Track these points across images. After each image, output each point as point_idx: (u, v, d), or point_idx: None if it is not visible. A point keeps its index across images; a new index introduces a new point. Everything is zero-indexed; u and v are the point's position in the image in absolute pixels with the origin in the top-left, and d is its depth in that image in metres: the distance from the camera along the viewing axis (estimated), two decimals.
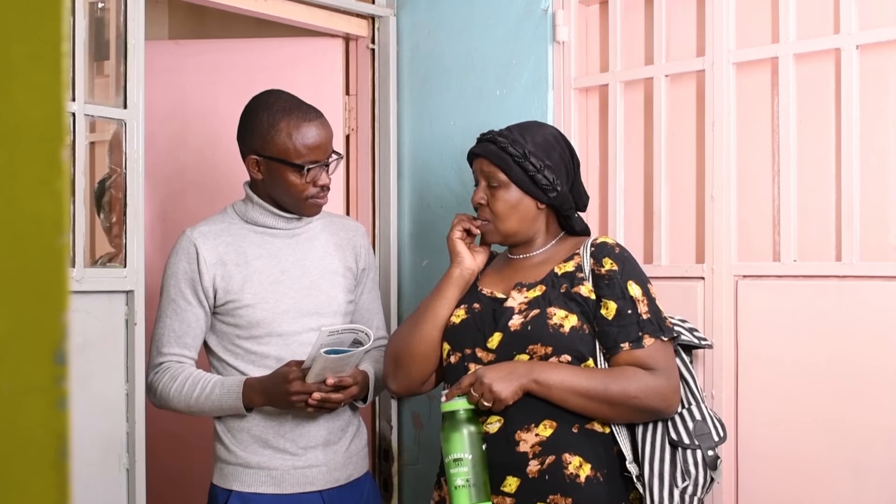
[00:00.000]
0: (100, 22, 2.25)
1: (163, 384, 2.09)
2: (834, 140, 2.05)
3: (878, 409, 1.93)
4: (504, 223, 1.96)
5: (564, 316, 1.84)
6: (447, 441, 1.80)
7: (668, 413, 1.85)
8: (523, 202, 1.95)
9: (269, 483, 2.09)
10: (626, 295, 1.85)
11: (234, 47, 3.08)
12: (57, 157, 0.54)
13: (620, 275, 1.87)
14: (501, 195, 1.94)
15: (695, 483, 1.81)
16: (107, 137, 2.32)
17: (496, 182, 1.94)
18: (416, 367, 1.99)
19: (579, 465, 1.80)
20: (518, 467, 1.81)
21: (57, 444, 0.54)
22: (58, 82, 0.54)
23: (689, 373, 1.95)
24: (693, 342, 1.98)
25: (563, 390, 1.79)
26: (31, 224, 0.53)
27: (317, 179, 2.08)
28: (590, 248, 1.92)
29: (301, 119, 2.05)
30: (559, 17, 2.46)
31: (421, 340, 1.98)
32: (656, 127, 2.30)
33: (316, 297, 2.14)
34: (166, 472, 2.84)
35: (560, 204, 1.97)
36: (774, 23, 2.13)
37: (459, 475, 1.77)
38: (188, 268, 2.09)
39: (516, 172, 1.92)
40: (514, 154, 1.92)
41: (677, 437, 1.85)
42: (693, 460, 1.83)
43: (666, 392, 1.83)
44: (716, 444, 1.86)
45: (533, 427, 1.82)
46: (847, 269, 1.99)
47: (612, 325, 1.84)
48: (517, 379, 1.79)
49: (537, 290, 1.90)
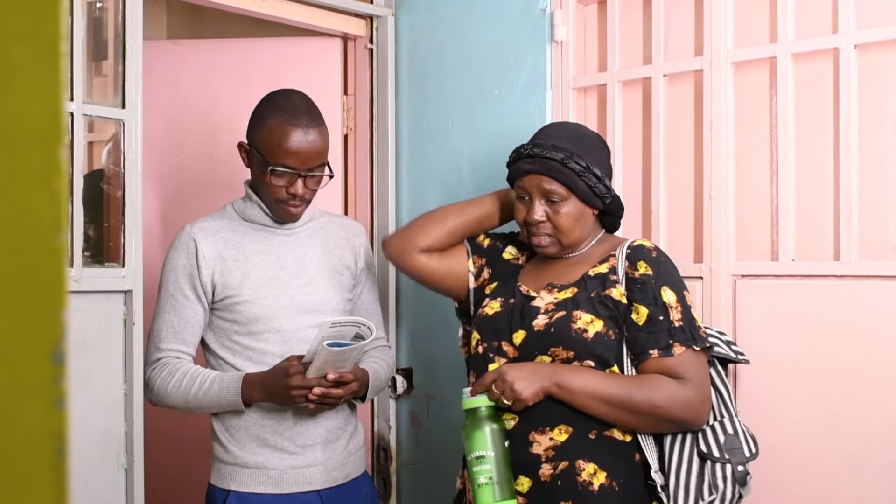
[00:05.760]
0: (98, 22, 2.25)
1: (160, 380, 2.07)
2: (832, 140, 2.05)
3: (878, 407, 1.93)
4: (569, 236, 1.91)
5: (590, 321, 1.80)
6: (469, 439, 1.77)
7: (695, 425, 1.80)
8: (585, 213, 1.91)
9: (267, 483, 2.09)
10: (658, 301, 1.80)
11: (233, 47, 3.08)
12: (55, 156, 0.54)
13: (655, 280, 1.82)
14: (564, 210, 1.88)
15: (722, 498, 1.76)
16: (105, 137, 2.32)
17: (558, 198, 1.88)
18: (422, 232, 2.06)
19: (593, 472, 1.76)
20: (531, 468, 1.79)
21: (55, 444, 0.54)
22: (56, 82, 0.54)
23: (724, 385, 1.89)
24: (729, 355, 1.91)
25: (586, 395, 1.75)
26: (30, 223, 0.53)
27: (290, 186, 2.06)
28: (626, 250, 1.88)
29: (288, 122, 2.03)
30: (557, 17, 2.46)
31: (442, 217, 2.07)
32: (654, 127, 2.30)
33: (314, 295, 2.14)
34: (164, 472, 2.84)
35: (615, 208, 1.95)
36: (773, 22, 2.13)
37: (482, 473, 1.74)
38: (187, 263, 2.09)
39: (581, 187, 1.87)
40: (576, 169, 1.86)
41: (707, 450, 1.79)
42: (722, 474, 1.78)
43: (694, 403, 1.77)
44: (747, 459, 1.80)
45: (548, 430, 1.79)
46: (845, 268, 1.99)
47: (641, 330, 1.80)
48: (539, 381, 1.76)
49: (568, 291, 1.87)
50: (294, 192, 2.06)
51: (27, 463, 0.53)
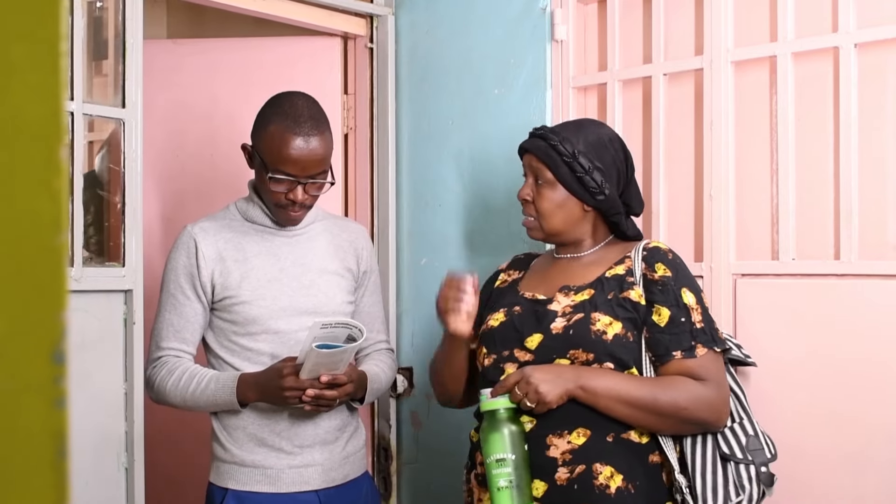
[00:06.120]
0: (98, 21, 2.25)
1: (160, 378, 2.08)
2: (832, 139, 2.05)
3: (878, 406, 1.93)
4: (548, 222, 1.91)
5: (609, 322, 1.78)
6: (487, 442, 1.73)
7: (717, 426, 1.79)
8: (569, 203, 1.89)
9: (265, 482, 2.09)
10: (679, 302, 1.79)
11: (233, 46, 3.08)
12: (55, 156, 0.54)
13: (674, 281, 1.81)
14: (547, 194, 1.89)
15: (749, 498, 1.76)
16: (104, 137, 2.32)
17: (543, 180, 1.90)
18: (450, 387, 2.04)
19: (610, 475, 1.74)
20: (546, 472, 1.76)
21: (55, 444, 0.54)
22: (56, 81, 0.54)
23: (740, 387, 1.89)
24: (740, 357, 1.92)
25: (610, 398, 1.73)
26: (30, 223, 0.53)
27: (289, 192, 2.05)
28: (642, 251, 1.86)
29: (288, 129, 2.00)
30: (557, 16, 2.46)
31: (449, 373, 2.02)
32: (655, 126, 2.30)
33: (314, 297, 2.13)
34: (165, 472, 2.84)
35: (607, 208, 1.91)
36: (773, 21, 2.13)
37: (502, 476, 1.70)
38: (187, 262, 2.09)
39: (564, 172, 1.87)
40: (563, 153, 1.86)
41: (729, 451, 1.79)
42: (747, 475, 1.77)
43: (717, 404, 1.77)
44: (768, 460, 1.81)
45: (566, 434, 1.75)
46: (845, 267, 1.99)
47: (664, 332, 1.78)
48: (564, 383, 1.73)
49: (585, 293, 1.84)
50: (293, 198, 2.04)
51: (27, 462, 0.53)
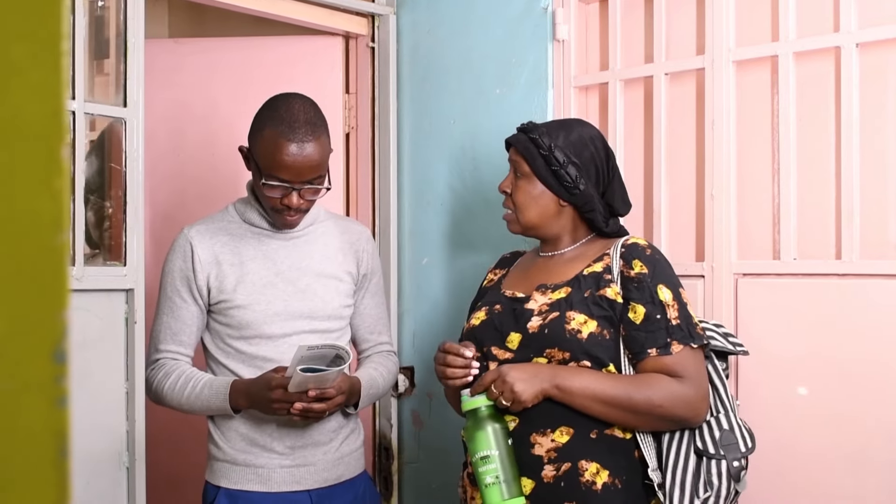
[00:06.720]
0: (100, 20, 2.25)
1: (157, 381, 2.10)
2: (834, 138, 2.05)
3: (879, 405, 1.93)
4: (524, 214, 1.95)
5: (584, 321, 1.79)
6: (472, 440, 1.76)
7: (694, 423, 1.80)
8: (544, 197, 1.93)
9: (256, 481, 2.09)
10: (655, 299, 1.79)
11: (234, 46, 3.08)
12: (57, 155, 0.54)
13: (650, 278, 1.81)
14: (523, 186, 1.94)
15: (717, 495, 1.75)
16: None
17: (521, 172, 1.94)
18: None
19: (596, 471, 1.76)
20: (532, 470, 1.78)
21: (57, 443, 0.54)
22: (58, 81, 0.54)
23: (721, 380, 1.88)
24: (727, 348, 1.90)
25: (585, 397, 1.75)
26: (31, 222, 0.53)
27: (284, 197, 2.03)
28: (620, 248, 1.87)
29: (282, 135, 1.98)
30: (559, 16, 2.46)
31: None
32: (656, 125, 2.30)
33: (310, 301, 2.12)
34: (166, 471, 2.84)
35: (581, 204, 1.92)
36: (774, 21, 2.13)
37: (488, 473, 1.72)
38: (183, 265, 2.10)
39: (539, 165, 1.91)
40: (540, 146, 1.91)
41: (703, 447, 1.79)
42: (717, 471, 1.77)
43: (693, 401, 1.77)
44: (742, 454, 1.79)
45: (549, 432, 1.78)
46: (847, 267, 1.99)
47: (639, 329, 1.79)
48: (539, 383, 1.75)
49: (562, 291, 1.86)
50: (288, 203, 2.03)
51: (29, 461, 0.54)
